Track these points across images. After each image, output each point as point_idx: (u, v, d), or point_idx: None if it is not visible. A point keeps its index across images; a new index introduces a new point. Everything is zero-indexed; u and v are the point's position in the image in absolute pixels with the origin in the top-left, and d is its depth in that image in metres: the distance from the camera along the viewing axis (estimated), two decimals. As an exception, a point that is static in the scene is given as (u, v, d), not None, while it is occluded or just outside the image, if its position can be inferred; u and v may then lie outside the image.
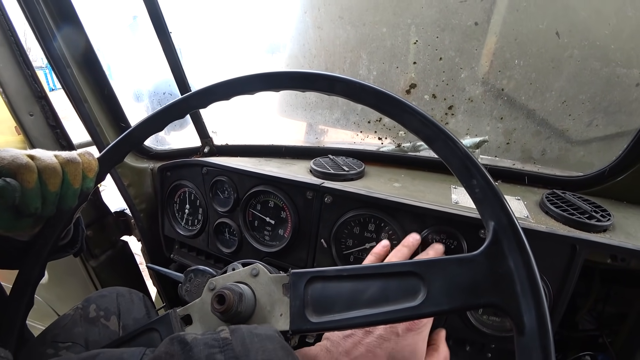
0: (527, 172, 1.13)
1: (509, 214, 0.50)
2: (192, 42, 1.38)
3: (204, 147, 1.45)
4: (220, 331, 0.53)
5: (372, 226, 0.96)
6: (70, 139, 1.36)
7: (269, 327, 0.57)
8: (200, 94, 0.71)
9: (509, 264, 0.48)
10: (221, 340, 0.49)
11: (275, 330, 0.56)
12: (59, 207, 0.63)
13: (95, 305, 1.01)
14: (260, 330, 0.53)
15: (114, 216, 1.55)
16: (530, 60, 1.06)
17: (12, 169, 0.54)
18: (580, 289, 0.97)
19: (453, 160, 0.56)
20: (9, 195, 0.53)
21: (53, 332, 0.94)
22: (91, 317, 0.99)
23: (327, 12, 1.19)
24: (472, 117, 1.18)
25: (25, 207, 0.57)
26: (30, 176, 0.56)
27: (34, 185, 0.56)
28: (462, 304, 0.50)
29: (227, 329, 0.54)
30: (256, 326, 0.56)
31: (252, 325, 0.57)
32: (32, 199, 0.57)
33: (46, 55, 1.11)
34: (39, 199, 0.58)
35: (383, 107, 0.61)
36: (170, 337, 0.50)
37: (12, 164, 0.54)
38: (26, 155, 0.57)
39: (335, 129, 1.40)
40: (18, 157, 0.55)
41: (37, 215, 0.60)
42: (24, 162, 0.55)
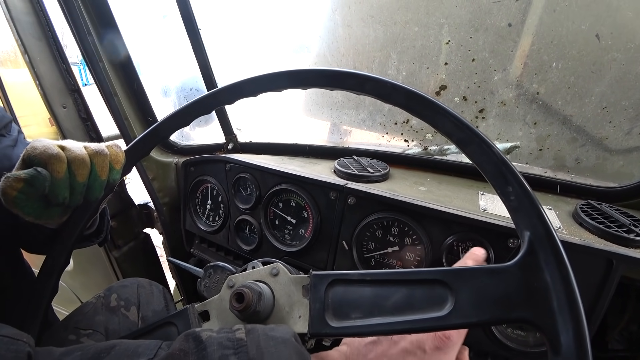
0: (560, 180, 1.08)
1: (546, 225, 0.47)
2: (220, 39, 1.39)
3: (227, 144, 1.46)
4: (236, 330, 0.52)
5: (396, 230, 0.93)
6: (100, 132, 1.40)
7: (286, 328, 0.56)
8: (228, 90, 0.70)
9: (545, 278, 0.46)
10: (236, 340, 0.49)
11: (292, 333, 0.55)
12: (86, 197, 0.64)
13: (117, 295, 1.04)
14: (276, 332, 0.52)
15: (137, 209, 1.59)
16: (569, 64, 1.00)
17: (44, 159, 0.55)
18: (613, 307, 0.92)
19: (487, 165, 0.53)
20: (39, 184, 0.54)
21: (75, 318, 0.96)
22: (112, 306, 1.01)
23: (358, 11, 1.17)
24: (503, 121, 1.14)
25: (54, 196, 0.58)
26: (60, 166, 0.57)
27: (64, 175, 0.58)
28: (492, 317, 0.48)
29: (243, 328, 0.53)
30: (273, 327, 0.55)
31: (269, 326, 0.56)
32: (60, 188, 0.58)
33: (81, 50, 1.15)
34: (67, 189, 0.59)
35: (414, 108, 0.59)
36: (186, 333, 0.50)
37: (44, 154, 0.56)
38: (57, 145, 0.58)
39: (360, 129, 1.38)
40: (49, 147, 0.57)
41: (65, 204, 0.61)
42: (55, 153, 0.56)
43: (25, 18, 1.20)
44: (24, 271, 0.98)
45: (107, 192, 0.69)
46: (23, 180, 0.53)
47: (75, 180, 0.59)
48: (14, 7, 1.17)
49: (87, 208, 0.68)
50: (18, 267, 0.97)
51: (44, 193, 0.56)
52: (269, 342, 0.49)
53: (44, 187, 0.55)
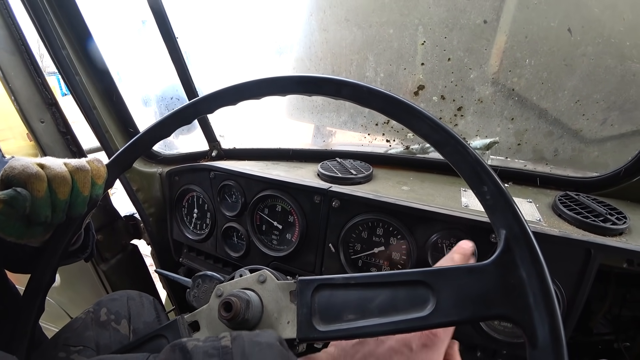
0: (539, 173, 1.11)
1: (521, 222, 0.48)
2: (199, 46, 1.38)
3: (211, 151, 1.45)
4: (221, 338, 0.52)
5: (381, 230, 0.94)
6: (81, 144, 1.37)
7: (271, 333, 0.56)
8: (207, 100, 0.70)
9: (520, 274, 0.47)
10: (221, 348, 0.49)
11: (277, 337, 0.55)
12: (69, 214, 0.63)
13: (106, 309, 1.02)
14: (261, 337, 0.53)
15: (123, 220, 1.57)
16: (542, 59, 1.03)
17: (23, 179, 0.55)
18: (596, 292, 0.95)
19: (463, 165, 0.54)
20: (19, 205, 0.53)
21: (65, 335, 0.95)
22: (102, 320, 1.00)
23: (333, 15, 1.18)
24: (482, 118, 1.16)
25: (35, 215, 0.57)
26: (40, 185, 0.56)
27: (44, 194, 0.57)
28: (472, 315, 0.49)
29: (229, 335, 0.53)
30: (258, 333, 0.56)
31: (254, 332, 0.56)
32: (42, 207, 0.57)
33: (56, 64, 1.12)
34: (49, 208, 0.58)
35: (391, 111, 0.60)
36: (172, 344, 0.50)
37: (23, 173, 0.55)
38: (36, 164, 0.58)
39: (342, 131, 1.38)
40: (28, 166, 0.56)
41: (48, 223, 0.60)
42: (34, 172, 0.56)
43: (-5, 31, 1.17)
44: (9, 291, 0.96)
45: (91, 208, 0.68)
46: (2, 202, 0.52)
47: (57, 198, 0.59)
48: (-17, 20, 1.15)
49: (71, 225, 0.68)
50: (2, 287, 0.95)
51: (24, 213, 0.55)
52: (254, 348, 0.50)
53: (24, 208, 0.54)
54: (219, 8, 1.45)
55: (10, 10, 1.16)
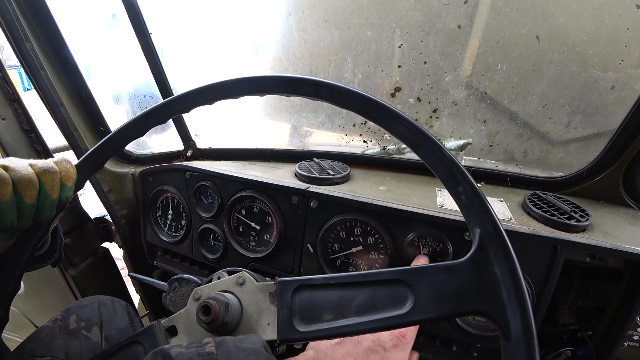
0: (510, 173, 1.15)
1: (494, 222, 0.50)
2: (174, 42, 1.35)
3: (186, 151, 1.42)
4: (205, 344, 0.52)
5: (359, 230, 0.95)
6: (46, 143, 1.31)
7: (256, 338, 0.56)
8: (183, 98, 0.69)
9: (494, 271, 0.49)
10: (206, 355, 0.48)
11: (262, 342, 0.55)
12: (36, 218, 0.60)
13: (76, 316, 0.98)
14: (246, 343, 0.52)
15: (93, 223, 1.51)
16: (513, 64, 1.07)
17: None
18: (561, 285, 1.00)
19: (439, 166, 0.56)
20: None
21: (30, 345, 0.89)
22: (71, 328, 0.95)
23: (312, 15, 1.18)
24: (456, 119, 1.19)
25: (0, 221, 0.54)
26: (5, 189, 0.53)
27: (9, 198, 0.53)
28: (450, 311, 0.51)
29: (213, 341, 0.53)
30: (242, 338, 0.55)
31: (239, 338, 0.56)
32: (7, 212, 0.54)
33: (18, 57, 1.06)
34: (15, 213, 0.55)
35: (369, 113, 0.61)
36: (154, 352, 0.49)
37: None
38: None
39: (320, 132, 1.39)
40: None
41: (13, 228, 0.57)
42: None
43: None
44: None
45: (59, 211, 0.65)
46: None
47: (23, 202, 0.55)
48: None
49: (37, 229, 0.65)
50: None
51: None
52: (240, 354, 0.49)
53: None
54: (195, 3, 1.42)
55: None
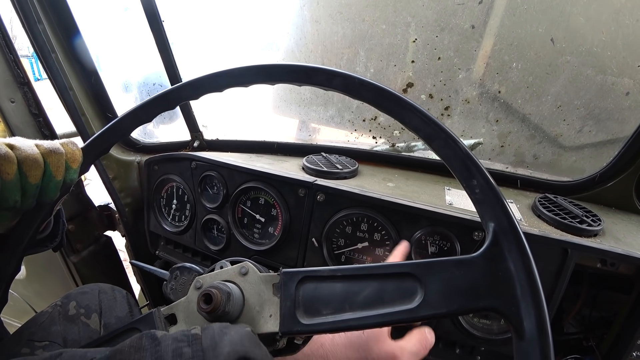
0: (520, 175, 1.14)
1: (509, 216, 0.49)
2: (186, 32, 1.34)
3: (193, 141, 1.42)
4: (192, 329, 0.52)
5: (365, 226, 0.94)
6: (53, 128, 1.31)
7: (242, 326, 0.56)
8: (192, 85, 0.68)
9: (508, 267, 0.47)
10: (191, 335, 0.49)
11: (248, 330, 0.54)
12: (39, 199, 0.59)
13: (76, 303, 0.97)
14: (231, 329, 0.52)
15: (97, 210, 1.51)
16: (528, 64, 1.06)
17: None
18: (568, 293, 0.98)
19: (453, 159, 0.55)
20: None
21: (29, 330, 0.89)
22: (71, 314, 0.95)
23: (326, 7, 1.17)
24: (467, 118, 1.18)
25: (3, 200, 0.53)
26: (9, 167, 0.52)
27: (14, 177, 0.53)
28: (461, 307, 0.49)
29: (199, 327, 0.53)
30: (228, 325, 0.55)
31: (225, 324, 0.55)
32: (11, 191, 0.53)
33: (30, 39, 1.06)
34: (19, 192, 0.55)
35: (382, 104, 0.59)
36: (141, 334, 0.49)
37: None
38: (5, 144, 0.53)
39: (328, 127, 1.38)
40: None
41: (17, 208, 0.56)
42: (3, 153, 0.52)
43: (-37, 2, 1.10)
44: None
45: (63, 193, 0.64)
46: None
47: (28, 182, 0.55)
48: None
49: (40, 211, 0.64)
50: None
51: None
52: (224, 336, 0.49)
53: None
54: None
55: (-18, -18, 1.09)
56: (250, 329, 0.54)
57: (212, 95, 0.68)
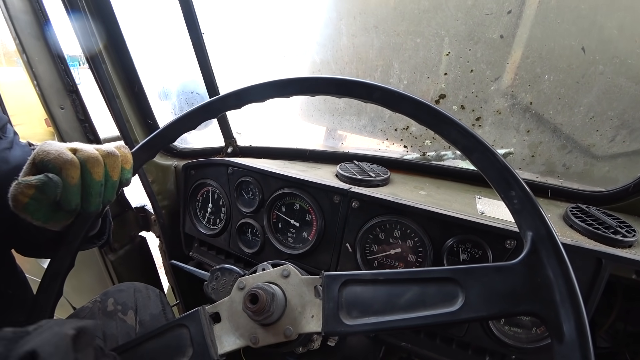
0: (551, 185, 1.13)
1: (547, 226, 0.51)
2: (223, 44, 1.40)
3: (227, 148, 1.47)
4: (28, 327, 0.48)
5: (398, 232, 0.97)
6: (98, 133, 1.39)
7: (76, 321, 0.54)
8: (237, 95, 0.71)
9: (547, 274, 0.49)
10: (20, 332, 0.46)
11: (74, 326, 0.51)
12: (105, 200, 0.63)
13: (113, 299, 1.03)
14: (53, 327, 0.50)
15: (134, 211, 1.58)
16: (560, 75, 1.06)
17: (58, 164, 0.54)
18: (600, 306, 0.97)
19: (491, 171, 0.57)
20: (51, 192, 0.53)
21: None
22: (109, 310, 1.01)
23: (363, 21, 1.21)
24: (499, 128, 1.19)
25: (66, 203, 0.57)
26: (74, 172, 0.56)
27: (77, 181, 0.56)
28: (501, 311, 0.51)
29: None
30: (64, 320, 0.55)
31: (61, 320, 0.56)
32: (74, 195, 0.57)
33: (84, 51, 1.14)
34: (79, 196, 0.58)
35: (421, 117, 0.62)
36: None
37: (58, 159, 0.54)
38: (69, 149, 0.57)
39: (361, 135, 1.41)
40: (63, 152, 0.55)
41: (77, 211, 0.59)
42: (69, 158, 0.55)
43: (24, 17, 1.18)
44: (17, 277, 0.96)
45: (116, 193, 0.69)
46: (34, 187, 0.52)
47: (93, 179, 0.58)
48: (12, 5, 1.15)
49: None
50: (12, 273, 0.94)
51: (55, 200, 0.55)
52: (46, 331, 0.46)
53: (55, 194, 0.54)
54: (245, 6, 1.47)
55: (39, -4, 1.18)
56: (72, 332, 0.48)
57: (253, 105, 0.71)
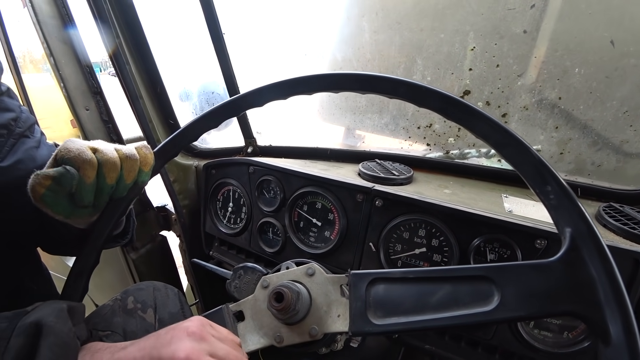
0: (580, 183, 1.10)
1: (587, 221, 0.49)
2: (242, 43, 1.41)
3: (247, 147, 1.48)
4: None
5: (423, 232, 0.95)
6: (121, 133, 1.41)
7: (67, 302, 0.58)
8: (259, 92, 0.71)
9: (589, 272, 0.47)
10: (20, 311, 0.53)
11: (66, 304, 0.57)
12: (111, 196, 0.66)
13: (133, 298, 1.05)
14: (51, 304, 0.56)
15: (155, 211, 1.60)
16: (591, 70, 1.03)
17: (77, 163, 0.57)
18: (638, 310, 0.93)
19: (525, 166, 0.55)
20: (67, 183, 0.55)
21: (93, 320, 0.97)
22: (129, 308, 1.02)
23: (385, 17, 1.20)
24: (525, 125, 1.16)
25: (80, 199, 0.59)
26: (91, 172, 0.58)
27: (92, 181, 0.59)
28: (539, 311, 0.49)
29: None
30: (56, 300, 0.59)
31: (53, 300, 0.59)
32: (88, 192, 0.59)
33: (109, 53, 1.16)
34: (93, 194, 0.61)
35: (449, 112, 0.60)
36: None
37: (78, 158, 0.57)
38: (90, 148, 0.60)
39: (382, 134, 1.39)
40: (83, 151, 0.58)
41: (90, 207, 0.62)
42: (89, 158, 0.57)
43: (51, 21, 1.22)
44: (42, 272, 0.98)
45: (136, 193, 0.70)
46: (51, 178, 0.55)
47: (105, 182, 0.61)
48: (40, 10, 1.19)
49: (116, 209, 0.69)
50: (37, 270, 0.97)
51: (71, 192, 0.57)
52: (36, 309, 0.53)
53: (71, 186, 0.56)
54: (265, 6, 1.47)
55: (65, 1, 1.21)
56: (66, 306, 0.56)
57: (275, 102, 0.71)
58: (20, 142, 0.77)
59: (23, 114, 0.79)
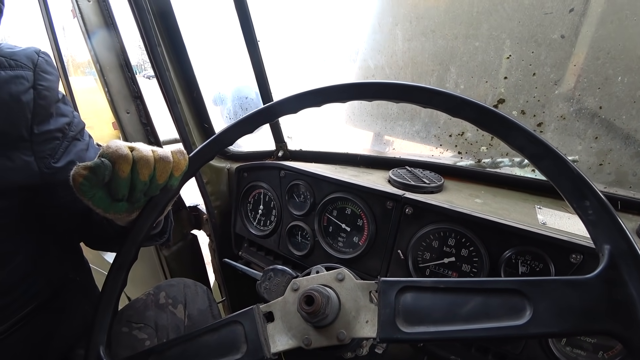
0: (620, 196, 1.05)
1: (627, 238, 0.48)
2: (276, 50, 1.44)
3: (278, 151, 1.51)
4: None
5: (452, 241, 0.94)
6: (158, 136, 1.48)
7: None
8: (294, 100, 0.72)
9: (629, 292, 0.46)
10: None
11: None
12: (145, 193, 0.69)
13: (165, 293, 1.11)
14: None
15: (187, 210, 1.66)
16: (635, 77, 0.99)
17: (114, 158, 0.61)
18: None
19: (562, 179, 0.54)
20: (100, 173, 0.60)
21: (128, 312, 1.04)
22: (161, 303, 1.08)
23: (419, 25, 1.20)
24: (562, 135, 1.12)
25: (114, 192, 0.64)
26: (125, 167, 0.62)
27: (127, 175, 0.63)
28: (573, 328, 0.48)
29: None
30: None
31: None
32: (122, 186, 0.63)
33: (151, 60, 1.23)
34: (127, 189, 0.65)
35: (485, 123, 0.60)
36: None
37: (115, 153, 0.61)
38: (128, 147, 0.64)
39: (413, 141, 1.39)
40: (121, 148, 0.62)
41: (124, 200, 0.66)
42: (124, 154, 0.62)
43: (99, 31, 1.30)
44: (83, 264, 1.05)
45: (172, 196, 0.73)
46: (88, 168, 0.59)
47: (138, 178, 0.64)
48: (89, 20, 1.28)
49: (155, 208, 0.72)
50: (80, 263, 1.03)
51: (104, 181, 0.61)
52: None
53: (104, 175, 0.60)
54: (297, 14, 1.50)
55: (111, 12, 1.29)
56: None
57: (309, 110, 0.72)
58: (73, 145, 0.83)
59: (75, 119, 0.85)
